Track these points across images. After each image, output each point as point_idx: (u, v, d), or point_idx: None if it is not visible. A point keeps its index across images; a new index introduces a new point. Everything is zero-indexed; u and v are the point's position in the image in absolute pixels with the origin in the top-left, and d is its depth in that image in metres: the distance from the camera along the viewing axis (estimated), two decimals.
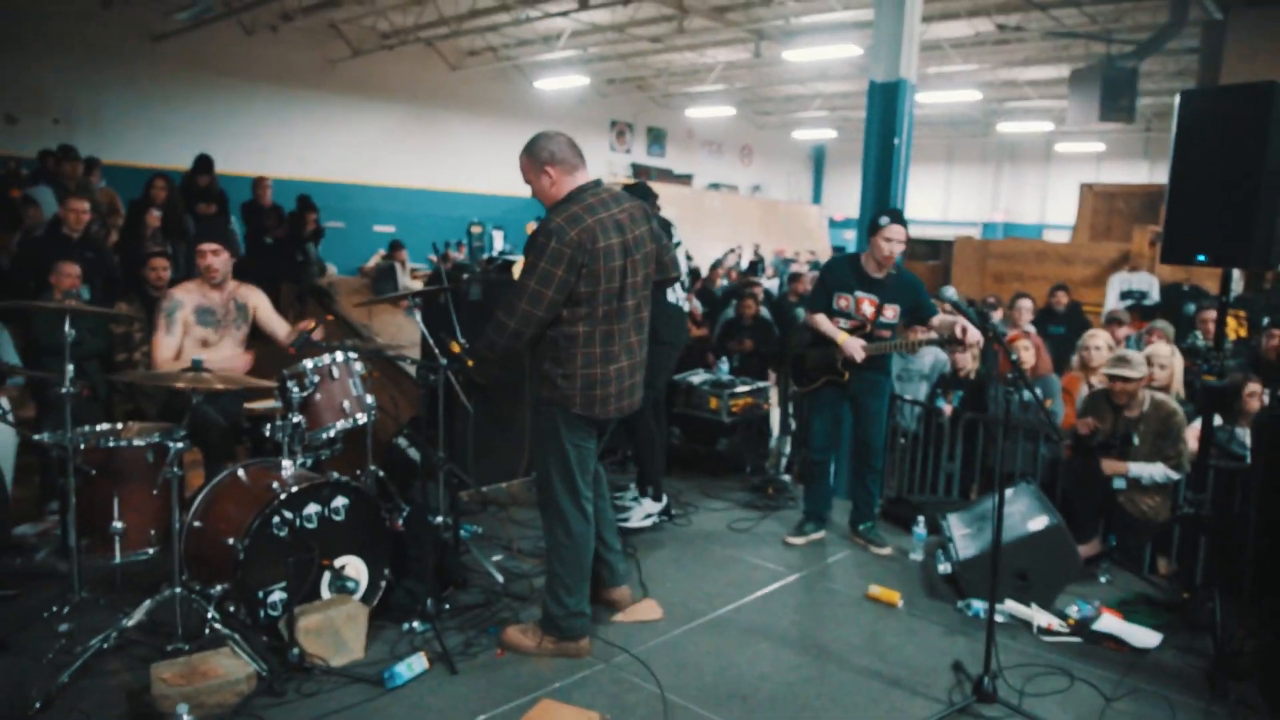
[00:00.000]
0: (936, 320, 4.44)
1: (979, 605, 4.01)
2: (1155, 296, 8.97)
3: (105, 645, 3.16)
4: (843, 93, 18.78)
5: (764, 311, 7.53)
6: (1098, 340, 5.68)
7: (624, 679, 3.35)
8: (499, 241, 14.65)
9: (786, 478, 6.06)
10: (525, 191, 3.36)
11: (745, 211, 19.38)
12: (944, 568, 4.41)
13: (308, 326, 4.04)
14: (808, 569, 4.56)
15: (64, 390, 3.23)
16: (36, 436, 3.41)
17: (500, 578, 4.08)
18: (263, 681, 3.08)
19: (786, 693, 3.31)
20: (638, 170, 19.91)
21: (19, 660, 3.25)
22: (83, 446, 3.32)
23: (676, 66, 17.38)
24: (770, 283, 13.65)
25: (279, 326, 4.50)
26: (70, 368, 3.25)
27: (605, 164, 19.65)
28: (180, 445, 3.31)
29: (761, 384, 6.22)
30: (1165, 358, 5.12)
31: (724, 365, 6.51)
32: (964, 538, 4.35)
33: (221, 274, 4.31)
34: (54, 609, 3.36)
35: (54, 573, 4.02)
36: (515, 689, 3.23)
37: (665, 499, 4.98)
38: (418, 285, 10.53)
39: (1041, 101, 17.85)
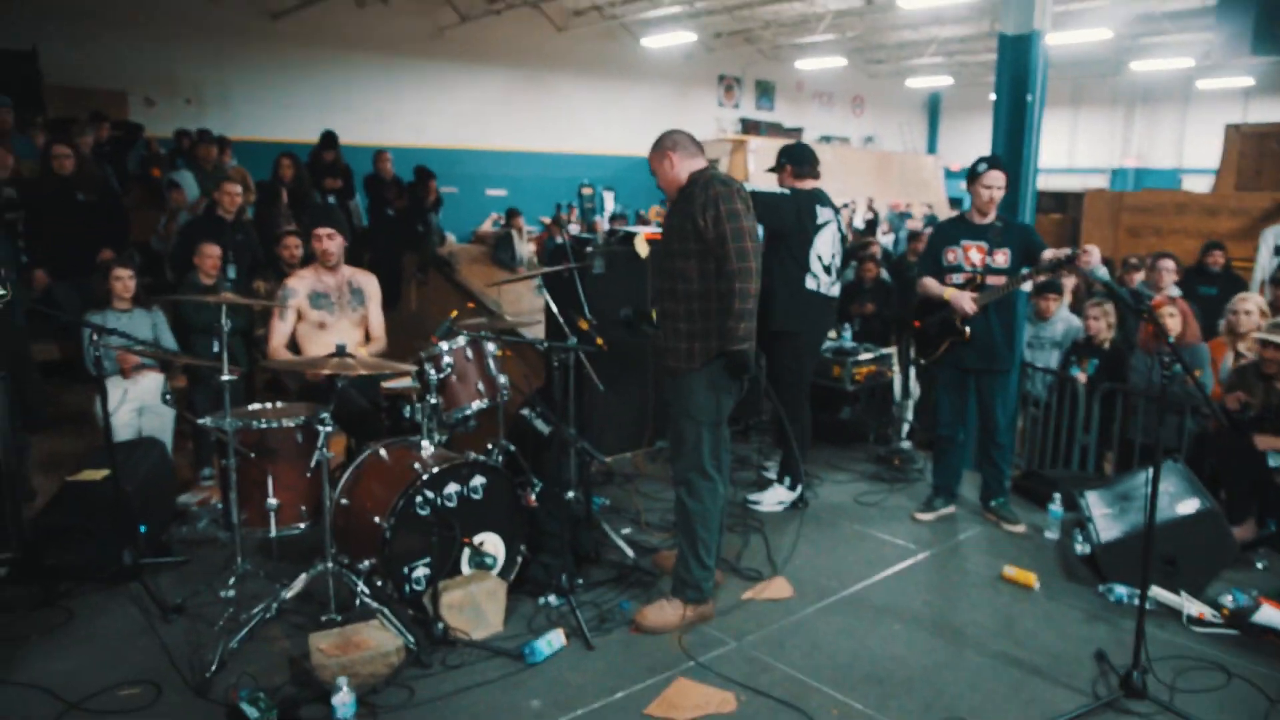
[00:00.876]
0: (1048, 253, 4.30)
1: (1122, 590, 3.86)
2: None
3: (267, 615, 3.38)
4: (959, 37, 17.85)
5: (883, 273, 7.31)
6: (1248, 304, 5.27)
7: (757, 658, 3.37)
8: (610, 202, 14.69)
9: (908, 444, 5.94)
10: (634, 151, 3.51)
11: (858, 164, 18.77)
12: (1082, 548, 4.26)
13: (451, 316, 4.17)
14: (938, 546, 4.47)
15: (224, 379, 3.43)
16: (200, 421, 3.63)
17: (631, 553, 4.15)
18: (411, 654, 3.23)
19: (922, 677, 3.27)
20: (747, 126, 19.50)
21: (195, 624, 3.52)
22: (239, 426, 3.52)
23: (785, 17, 16.90)
24: (885, 238, 13.23)
25: (376, 323, 4.60)
26: (216, 346, 3.44)
27: (714, 120, 19.36)
28: (328, 429, 3.45)
29: (885, 350, 6.07)
30: None
31: (846, 331, 6.37)
32: (1104, 518, 4.17)
33: (336, 257, 4.45)
34: (222, 580, 3.61)
35: (215, 540, 4.33)
36: (650, 667, 3.29)
37: (800, 488, 4.92)
38: (533, 248, 10.63)
39: (1181, 36, 16.56)
